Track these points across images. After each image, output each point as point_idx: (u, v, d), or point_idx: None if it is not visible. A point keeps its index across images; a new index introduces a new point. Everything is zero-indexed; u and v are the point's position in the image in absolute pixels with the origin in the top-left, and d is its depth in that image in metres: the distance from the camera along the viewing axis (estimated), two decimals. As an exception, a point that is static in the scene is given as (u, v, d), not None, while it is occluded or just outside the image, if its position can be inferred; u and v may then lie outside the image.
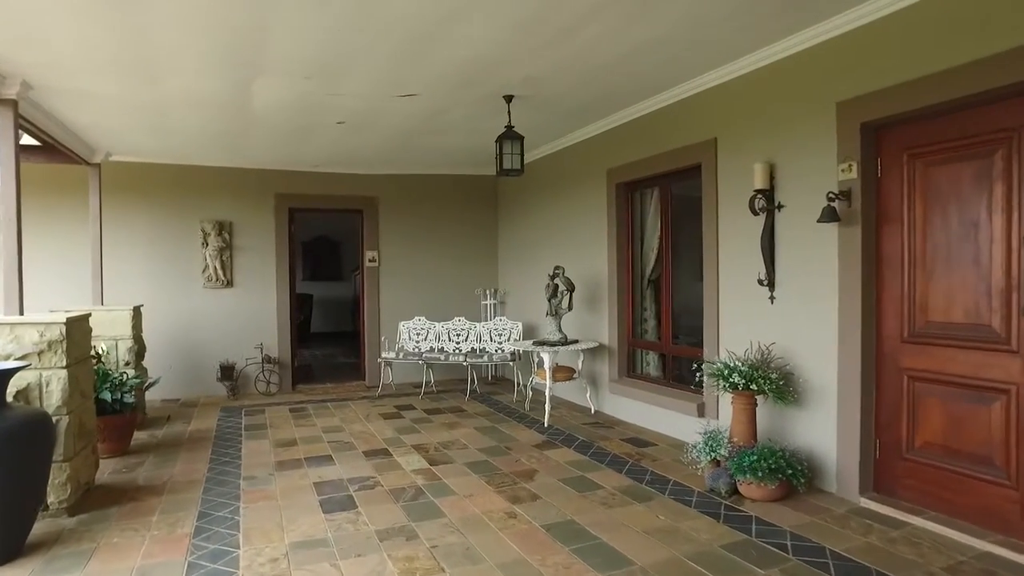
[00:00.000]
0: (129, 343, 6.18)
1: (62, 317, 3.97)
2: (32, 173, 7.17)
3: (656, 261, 6.33)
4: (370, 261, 8.65)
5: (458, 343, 8.20)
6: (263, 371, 8.08)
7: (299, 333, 13.27)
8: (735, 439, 4.38)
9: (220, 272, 7.95)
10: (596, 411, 6.74)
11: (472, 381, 7.94)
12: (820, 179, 4.20)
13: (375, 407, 7.28)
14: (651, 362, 6.57)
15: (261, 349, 8.09)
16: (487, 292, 9.01)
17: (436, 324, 8.32)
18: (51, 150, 6.00)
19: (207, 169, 7.95)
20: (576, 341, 6.72)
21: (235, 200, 8.08)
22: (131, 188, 7.68)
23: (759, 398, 4.40)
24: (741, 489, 4.16)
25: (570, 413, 6.76)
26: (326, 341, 13.83)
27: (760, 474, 3.99)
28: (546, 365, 6.34)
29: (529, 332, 8.13)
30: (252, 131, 6.25)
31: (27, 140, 5.84)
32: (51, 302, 6.64)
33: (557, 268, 6.60)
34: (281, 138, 6.62)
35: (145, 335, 7.03)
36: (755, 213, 4.68)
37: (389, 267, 8.76)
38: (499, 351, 7.96)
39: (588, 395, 6.80)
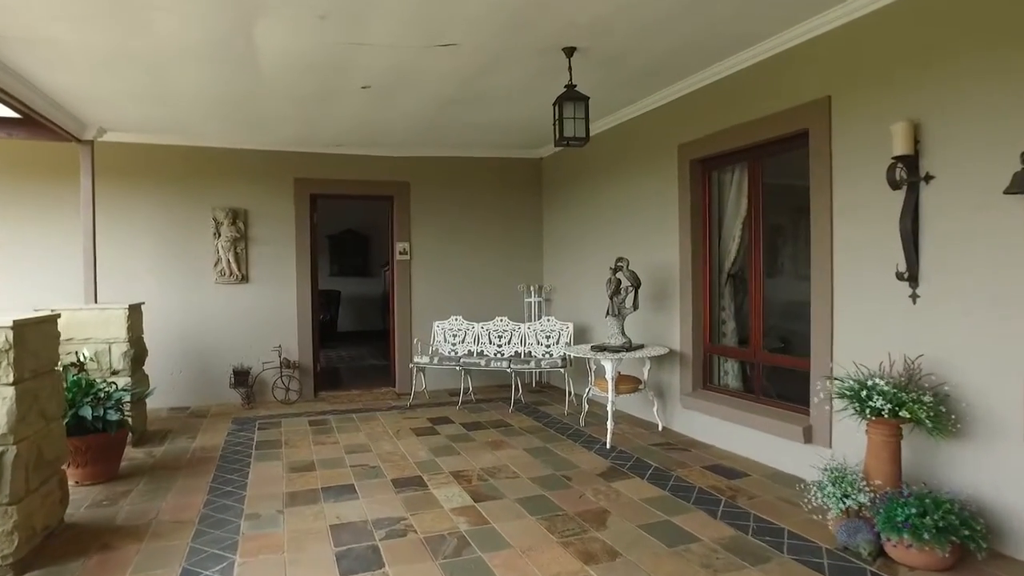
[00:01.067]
0: (124, 347, 5.35)
1: (8, 320, 3.09)
2: (17, 151, 6.42)
3: (738, 251, 5.29)
4: (401, 254, 7.73)
5: (500, 346, 7.24)
6: (281, 377, 7.22)
7: (325, 333, 12.50)
8: (875, 480, 3.34)
9: (234, 266, 7.11)
10: (664, 428, 5.73)
11: (516, 389, 6.97)
12: (1001, 137, 3.13)
13: (406, 419, 6.36)
14: (730, 372, 5.53)
15: (279, 352, 7.23)
16: (531, 289, 8.03)
17: (475, 325, 7.37)
18: (32, 124, 5.19)
19: (219, 151, 7.11)
20: (641, 346, 5.71)
21: (250, 186, 7.23)
22: (134, 172, 6.87)
23: (904, 427, 3.36)
24: (891, 551, 3.12)
25: (634, 430, 5.76)
26: (354, 341, 13.01)
27: (924, 534, 2.94)
28: (608, 374, 5.35)
29: (581, 335, 7.13)
30: (261, 96, 5.36)
31: (5, 112, 5.04)
32: (40, 300, 5.85)
33: (620, 260, 5.59)
34: (296, 107, 5.71)
35: (149, 336, 6.20)
36: (895, 186, 3.61)
37: (422, 261, 7.83)
38: (547, 355, 6.98)
39: (655, 409, 5.79)
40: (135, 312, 5.59)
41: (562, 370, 6.60)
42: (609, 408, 5.36)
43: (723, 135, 5.09)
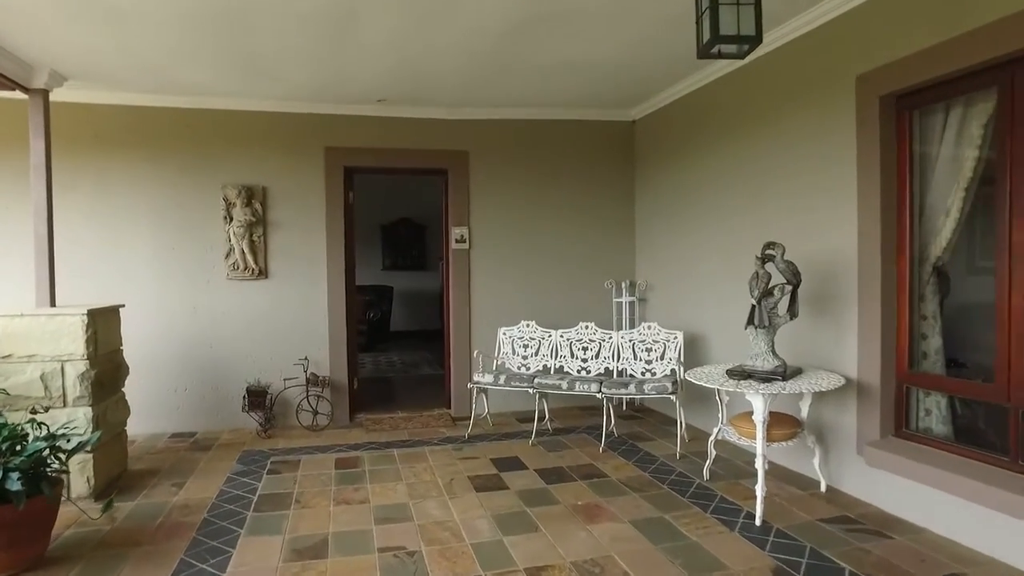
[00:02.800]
0: (81, 366, 3.93)
1: None
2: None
3: (953, 233, 3.47)
4: (457, 241, 6.13)
5: (585, 361, 5.56)
6: (307, 397, 5.75)
7: (375, 333, 11.11)
8: None
9: (249, 258, 5.67)
10: (828, 487, 3.96)
11: (607, 419, 5.27)
12: None
13: (463, 460, 4.77)
14: (933, 411, 3.70)
15: (306, 365, 5.76)
16: (621, 286, 6.32)
17: (552, 333, 5.71)
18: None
19: (228, 115, 5.67)
20: (799, 371, 3.94)
21: (269, 157, 5.76)
22: (124, 141, 5.51)
23: None
24: None
25: (786, 491, 3.99)
26: (407, 342, 11.57)
27: None
28: (758, 414, 3.60)
29: (692, 347, 5.38)
30: (254, 14, 3.83)
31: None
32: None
33: (771, 248, 3.80)
34: (304, 36, 4.17)
35: (147, 345, 5.03)
36: None
37: (484, 250, 6.22)
38: (649, 375, 5.26)
39: (816, 461, 4.01)
40: (102, 319, 4.17)
41: (673, 397, 4.86)
42: (759, 466, 3.60)
43: (945, 51, 3.26)
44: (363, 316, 11.04)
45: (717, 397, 4.25)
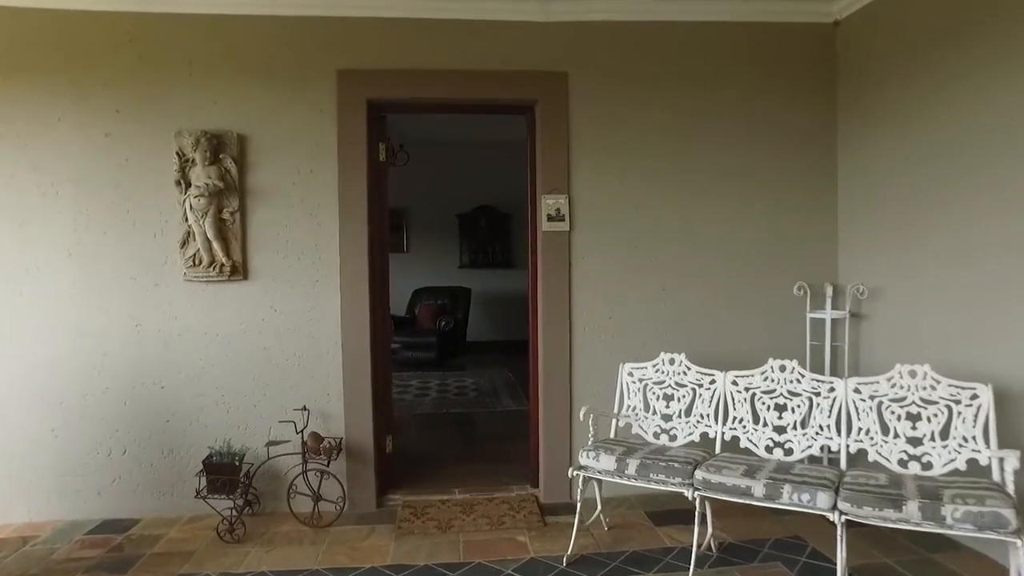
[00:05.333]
0: None
1: None
2: None
3: None
4: (551, 218, 3.74)
5: (781, 431, 3.05)
6: (305, 472, 3.55)
7: (447, 345, 8.95)
8: None
9: (217, 247, 3.54)
10: None
11: (840, 545, 2.73)
12: None
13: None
14: None
15: (304, 420, 3.58)
16: (824, 294, 3.76)
17: (717, 377, 3.23)
18: None
19: (188, 21, 3.56)
20: None
21: (250, 87, 3.61)
22: (28, 62, 3.50)
23: None
24: None
25: None
26: (487, 356, 9.35)
27: None
28: None
29: (1002, 411, 2.78)
30: None
31: None
32: None
33: None
34: None
35: (61, 381, 3.25)
36: None
37: (594, 232, 3.79)
38: (925, 465, 2.70)
39: None
40: None
41: (1014, 538, 2.28)
42: None
43: None
44: (432, 325, 8.92)
45: None
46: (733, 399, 3.13)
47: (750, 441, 3.07)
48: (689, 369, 3.28)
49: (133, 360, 3.58)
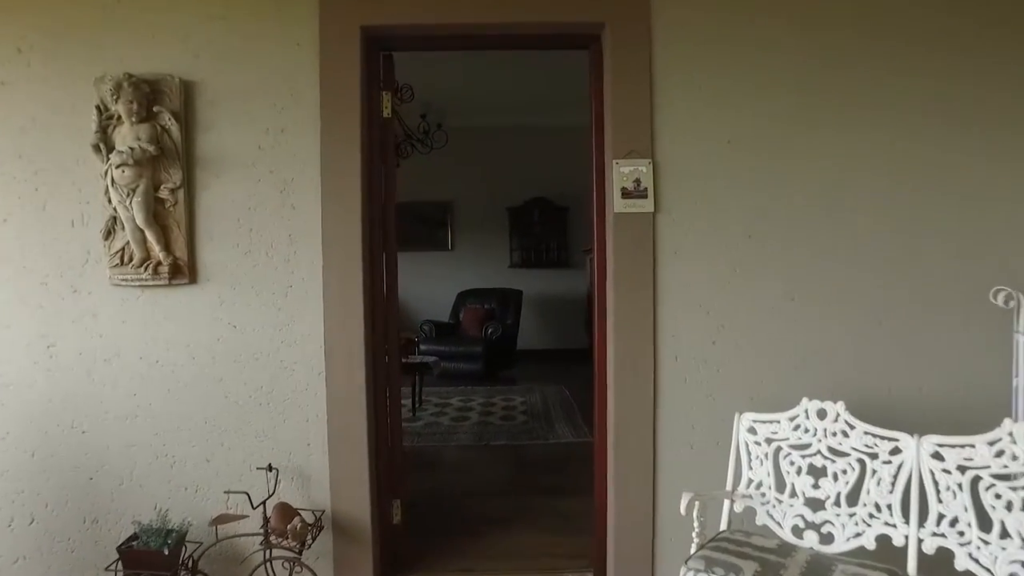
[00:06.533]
0: None
1: None
2: None
3: None
4: (627, 193, 2.53)
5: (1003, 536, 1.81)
6: (268, 561, 2.48)
7: (496, 355, 7.85)
8: None
9: (153, 238, 2.51)
10: None
11: None
12: None
13: None
14: None
15: (271, 480, 2.52)
16: (1043, 303, 2.47)
17: (899, 443, 1.97)
18: None
19: (117, -83, 2.55)
20: None
21: (198, 12, 2.56)
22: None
23: None
24: None
25: None
26: (540, 367, 8.19)
27: None
28: None
29: None
30: None
31: None
32: None
33: None
34: None
35: None
36: None
37: (688, 214, 2.57)
38: None
39: None
40: None
41: None
42: None
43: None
44: (479, 332, 7.85)
45: None
46: (938, 485, 1.88)
47: (975, 561, 1.81)
48: (853, 428, 2.05)
49: (43, 395, 2.58)
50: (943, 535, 1.85)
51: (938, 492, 1.87)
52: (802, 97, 2.56)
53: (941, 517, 1.87)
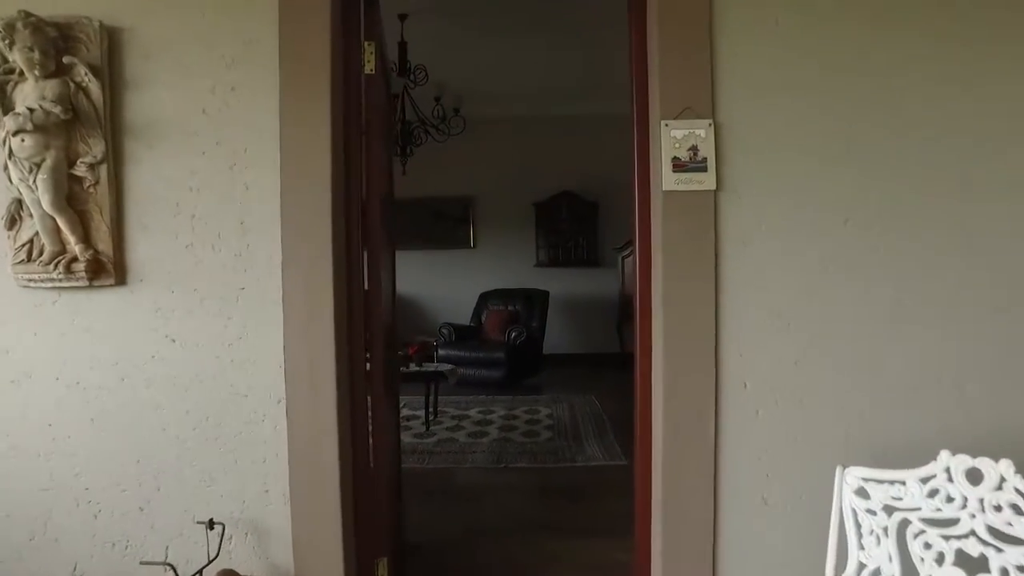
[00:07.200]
0: None
1: None
2: None
3: None
4: (680, 166, 1.89)
5: None
6: (209, 651, 1.93)
7: (518, 363, 7.24)
8: None
9: (67, 227, 1.96)
10: None
11: None
12: None
13: None
14: None
15: (215, 537, 1.95)
16: None
17: None
18: None
19: None
20: None
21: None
22: None
23: None
24: None
25: None
26: (567, 372, 7.59)
27: None
28: None
29: None
30: None
31: None
32: None
33: None
34: None
35: None
36: None
37: (762, 193, 1.93)
38: None
39: None
40: None
41: None
42: None
43: None
44: (501, 337, 7.27)
45: None
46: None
47: None
48: None
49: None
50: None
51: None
52: (928, 40, 1.91)
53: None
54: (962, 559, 1.42)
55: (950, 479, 1.45)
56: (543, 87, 7.32)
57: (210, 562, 1.92)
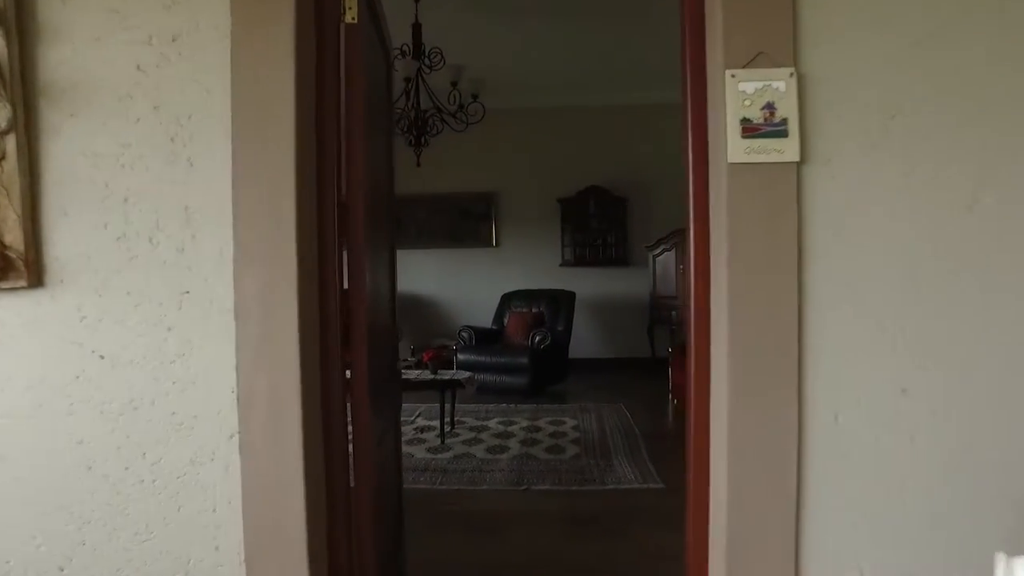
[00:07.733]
0: None
1: None
2: None
3: None
4: (750, 129, 1.41)
5: None
6: None
7: (542, 368, 6.76)
8: None
9: (-33, 214, 1.57)
10: None
11: None
12: None
13: None
14: None
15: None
16: None
17: None
18: None
19: None
20: None
21: None
22: None
23: None
24: None
25: None
26: (595, 378, 7.15)
27: None
28: None
29: None
30: None
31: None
32: None
33: None
34: None
35: None
36: None
37: (863, 166, 1.47)
38: None
39: None
40: None
41: None
42: None
43: None
44: (525, 340, 6.84)
45: None
46: None
47: None
48: None
49: None
50: None
51: None
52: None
53: None
54: None
55: None
56: (569, 75, 6.88)
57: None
